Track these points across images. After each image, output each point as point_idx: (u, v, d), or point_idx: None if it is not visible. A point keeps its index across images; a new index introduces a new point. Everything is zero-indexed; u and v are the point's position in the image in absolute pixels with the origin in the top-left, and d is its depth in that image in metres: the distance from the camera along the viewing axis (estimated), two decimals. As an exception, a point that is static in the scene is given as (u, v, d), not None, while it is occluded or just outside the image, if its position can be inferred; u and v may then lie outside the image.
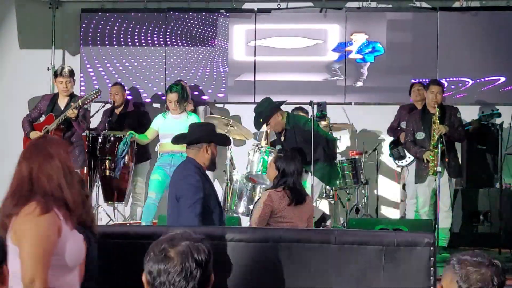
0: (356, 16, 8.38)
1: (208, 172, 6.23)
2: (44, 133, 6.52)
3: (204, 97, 8.51)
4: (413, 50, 8.34)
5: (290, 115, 6.47)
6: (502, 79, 8.19)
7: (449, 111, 6.77)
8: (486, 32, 8.25)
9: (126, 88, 8.07)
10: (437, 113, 6.54)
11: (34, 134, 6.58)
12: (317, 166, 6.30)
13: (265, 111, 6.26)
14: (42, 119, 6.88)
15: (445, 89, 7.14)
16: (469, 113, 7.81)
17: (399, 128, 7.62)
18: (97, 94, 6.81)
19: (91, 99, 6.76)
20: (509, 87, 8.18)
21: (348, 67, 8.39)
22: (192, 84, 8.41)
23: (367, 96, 8.39)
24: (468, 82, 8.23)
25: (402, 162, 7.50)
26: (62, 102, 6.82)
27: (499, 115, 7.55)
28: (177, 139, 4.98)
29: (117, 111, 7.79)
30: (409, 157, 7.36)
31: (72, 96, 6.84)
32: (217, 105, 8.57)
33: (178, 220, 4.51)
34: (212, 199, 4.64)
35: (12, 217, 2.71)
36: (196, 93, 8.43)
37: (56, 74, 6.85)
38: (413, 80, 7.96)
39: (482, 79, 8.22)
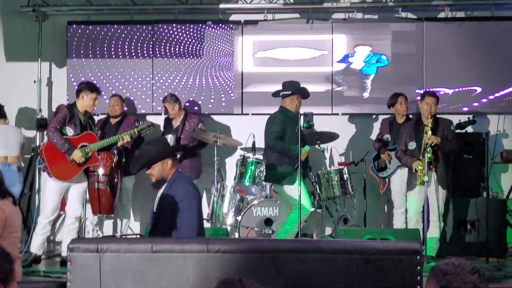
0: (362, 26, 8.37)
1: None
2: (83, 149, 6.46)
3: (195, 108, 8.49)
4: (417, 60, 8.31)
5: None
6: (479, 89, 8.22)
7: (442, 123, 6.81)
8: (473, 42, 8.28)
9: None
10: (429, 124, 6.59)
11: (77, 155, 6.40)
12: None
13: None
14: (70, 131, 6.52)
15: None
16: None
17: (380, 141, 7.69)
18: (151, 128, 7.05)
19: (144, 131, 7.04)
20: (487, 98, 8.20)
21: (351, 78, 8.39)
22: (183, 96, 8.36)
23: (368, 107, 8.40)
24: (449, 93, 8.25)
25: (383, 174, 7.61)
26: (82, 117, 6.60)
27: (474, 122, 7.64)
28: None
29: (112, 121, 7.80)
30: (389, 168, 7.46)
31: (91, 115, 6.76)
32: (213, 116, 8.55)
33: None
34: None
35: None
36: (187, 104, 8.40)
37: (91, 90, 6.58)
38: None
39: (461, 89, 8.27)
